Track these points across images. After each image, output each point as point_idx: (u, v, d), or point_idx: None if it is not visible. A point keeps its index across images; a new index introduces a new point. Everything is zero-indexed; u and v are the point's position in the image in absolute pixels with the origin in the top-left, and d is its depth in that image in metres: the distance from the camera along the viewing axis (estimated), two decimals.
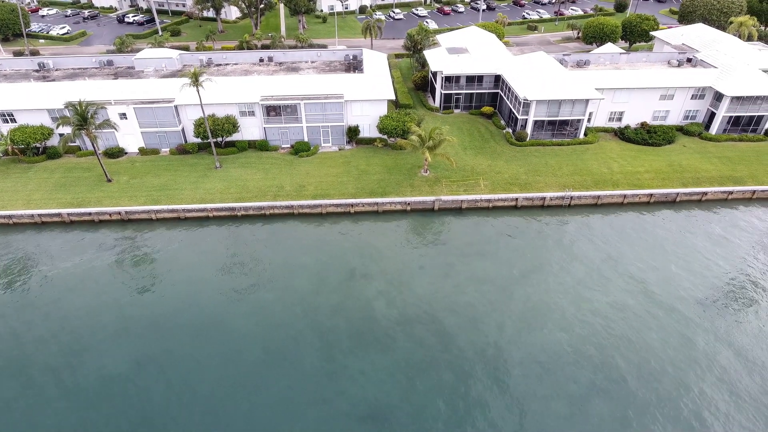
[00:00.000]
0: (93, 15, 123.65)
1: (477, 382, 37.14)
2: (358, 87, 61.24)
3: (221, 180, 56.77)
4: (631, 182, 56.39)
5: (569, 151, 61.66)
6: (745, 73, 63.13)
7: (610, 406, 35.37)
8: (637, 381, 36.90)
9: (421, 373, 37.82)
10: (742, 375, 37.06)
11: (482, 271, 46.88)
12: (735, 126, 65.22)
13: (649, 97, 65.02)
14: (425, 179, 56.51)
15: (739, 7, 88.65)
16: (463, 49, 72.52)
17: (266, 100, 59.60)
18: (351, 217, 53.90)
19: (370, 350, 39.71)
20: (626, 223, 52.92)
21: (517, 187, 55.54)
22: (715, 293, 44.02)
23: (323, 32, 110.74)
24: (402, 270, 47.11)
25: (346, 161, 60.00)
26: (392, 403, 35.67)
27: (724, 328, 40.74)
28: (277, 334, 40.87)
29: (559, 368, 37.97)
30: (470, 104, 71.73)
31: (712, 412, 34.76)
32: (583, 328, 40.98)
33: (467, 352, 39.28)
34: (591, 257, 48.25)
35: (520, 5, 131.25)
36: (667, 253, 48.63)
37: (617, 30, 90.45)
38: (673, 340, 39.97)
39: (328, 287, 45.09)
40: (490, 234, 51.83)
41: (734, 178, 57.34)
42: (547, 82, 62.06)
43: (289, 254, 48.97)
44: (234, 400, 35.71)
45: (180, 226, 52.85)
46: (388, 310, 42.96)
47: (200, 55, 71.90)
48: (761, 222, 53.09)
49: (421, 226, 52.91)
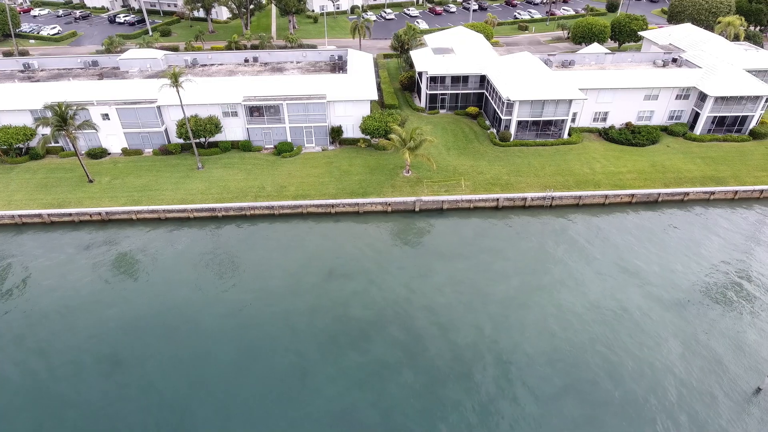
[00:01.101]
0: (84, 15, 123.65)
1: (450, 383, 37.05)
2: (341, 87, 61.19)
3: (203, 181, 56.72)
4: (613, 183, 56.34)
5: (552, 152, 61.61)
6: (729, 73, 63.09)
7: (582, 406, 35.27)
8: (611, 382, 36.80)
9: (395, 373, 37.74)
10: (718, 376, 36.96)
11: (460, 271, 46.80)
12: (720, 126, 65.17)
13: (634, 97, 64.98)
14: (407, 180, 56.46)
15: (727, 7, 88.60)
16: (448, 49, 72.47)
17: (249, 101, 59.54)
18: (331, 218, 53.86)
19: (344, 350, 39.62)
20: (607, 223, 52.87)
21: (498, 187, 55.48)
22: (693, 294, 43.94)
23: (314, 32, 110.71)
24: (380, 271, 47.02)
25: (329, 162, 59.95)
26: (364, 404, 35.55)
27: (702, 329, 40.66)
28: (251, 334, 40.78)
29: (533, 369, 37.87)
30: (456, 104, 71.66)
31: (687, 414, 34.65)
32: (558, 329, 40.89)
33: (441, 353, 39.20)
34: (570, 258, 48.18)
35: (512, 5, 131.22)
36: (648, 253, 48.55)
37: (606, 30, 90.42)
38: (650, 340, 39.88)
39: (305, 288, 45.02)
40: (470, 235, 51.76)
41: (717, 178, 57.28)
42: (531, 82, 62.01)
43: (267, 255, 48.91)
44: (205, 400, 35.63)
45: (160, 227, 52.78)
46: (364, 311, 42.88)
47: (185, 56, 71.84)
48: (743, 222, 53.03)
49: (401, 227, 52.84)
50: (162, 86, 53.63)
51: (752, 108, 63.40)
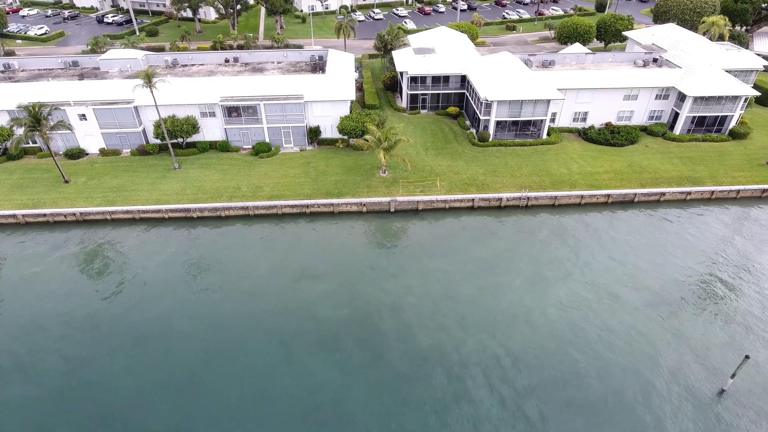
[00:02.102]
0: (73, 15, 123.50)
1: (415, 383, 36.98)
2: (319, 88, 61.10)
3: (179, 181, 56.63)
4: (590, 183, 56.27)
5: (531, 152, 61.55)
6: (708, 73, 63.03)
7: (544, 408, 35.18)
8: (575, 383, 36.72)
9: (362, 373, 37.72)
10: (684, 377, 36.88)
11: (431, 272, 46.74)
12: (700, 126, 65.11)
13: (613, 97, 64.92)
14: (383, 180, 56.39)
15: (712, 7, 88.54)
16: (429, 49, 72.39)
17: (226, 101, 59.47)
18: (306, 218, 53.79)
19: (313, 350, 39.54)
20: (582, 224, 52.78)
21: (474, 187, 55.42)
22: (664, 295, 43.84)
23: (302, 32, 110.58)
24: (352, 271, 46.97)
25: (306, 162, 59.88)
26: (329, 403, 35.48)
27: (671, 330, 40.56)
28: (219, 335, 40.69)
29: (498, 369, 37.79)
30: (437, 105, 71.59)
31: (651, 415, 34.58)
32: (526, 330, 40.85)
33: (407, 354, 39.14)
34: (542, 258, 48.12)
35: (502, 5, 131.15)
36: (621, 254, 48.49)
37: (591, 30, 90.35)
38: (618, 341, 39.80)
39: (276, 288, 44.96)
40: (443, 235, 51.69)
41: (693, 178, 57.23)
42: (510, 82, 61.92)
43: (240, 255, 48.82)
44: (172, 400, 35.59)
45: (135, 228, 52.69)
46: (334, 311, 42.83)
47: (166, 56, 71.73)
48: (717, 223, 52.99)
49: (375, 228, 52.77)
50: (135, 87, 53.51)
51: (731, 108, 63.35)
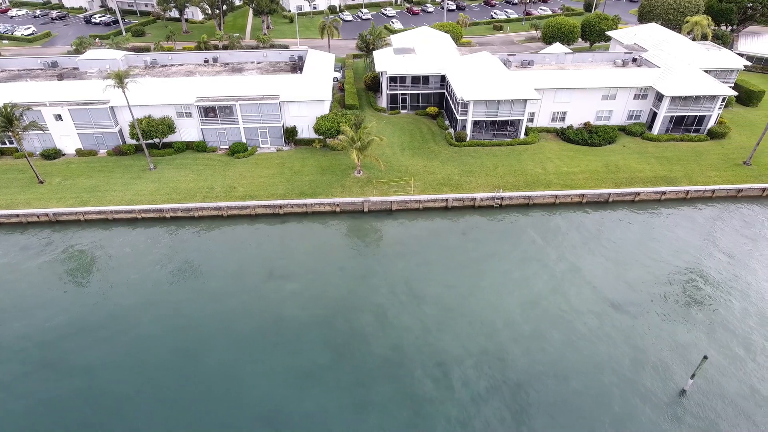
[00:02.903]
0: (61, 16, 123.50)
1: (375, 384, 36.90)
2: (295, 88, 61.04)
3: (153, 181, 56.56)
4: (565, 183, 56.17)
5: (507, 152, 61.45)
6: (685, 73, 62.94)
7: (504, 408, 35.08)
8: (537, 383, 36.60)
9: (324, 374, 37.58)
10: (647, 377, 36.79)
11: (401, 272, 46.65)
12: (678, 126, 65.02)
13: (591, 97, 64.82)
14: (357, 180, 56.30)
15: (695, 6, 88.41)
16: (409, 49, 72.31)
17: (202, 101, 59.40)
18: (280, 219, 53.70)
19: (276, 351, 39.48)
20: (555, 224, 52.68)
21: (448, 188, 55.32)
22: (632, 295, 43.75)
23: (288, 33, 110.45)
24: (321, 271, 46.87)
25: (282, 162, 59.79)
26: (292, 403, 35.41)
27: (636, 330, 40.45)
28: (185, 335, 40.62)
29: (461, 370, 37.70)
30: (417, 105, 71.52)
31: (610, 416, 34.47)
32: (492, 330, 40.74)
33: (372, 354, 39.06)
34: (513, 258, 48.02)
35: (491, 5, 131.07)
36: (591, 254, 48.40)
37: (575, 30, 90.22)
38: (582, 341, 39.72)
39: (244, 288, 44.88)
40: (416, 235, 51.59)
41: (669, 178, 57.12)
42: (487, 82, 61.82)
43: (210, 256, 48.74)
44: (133, 402, 35.46)
45: (108, 228, 52.60)
46: (300, 312, 42.74)
47: (145, 56, 71.69)
48: (692, 222, 52.85)
49: (348, 228, 52.67)
50: (106, 87, 53.47)
51: (709, 108, 63.25)
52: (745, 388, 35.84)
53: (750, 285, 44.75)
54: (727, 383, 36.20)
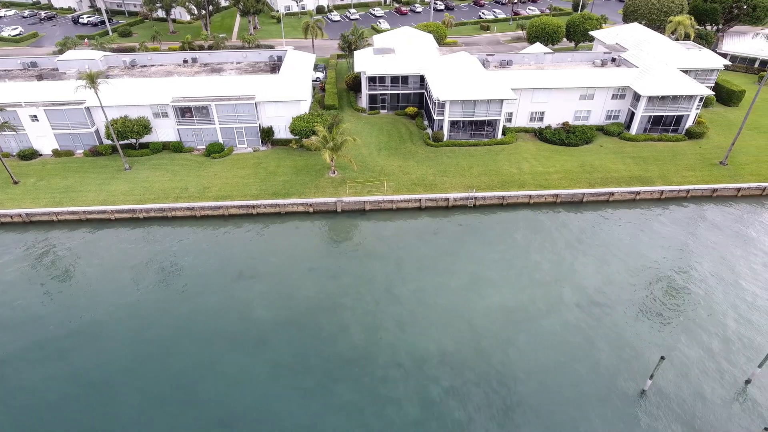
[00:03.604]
0: (50, 16, 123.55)
1: (338, 385, 36.86)
2: (271, 88, 61.02)
3: (127, 182, 56.54)
4: (539, 183, 56.14)
5: (484, 152, 61.43)
6: (662, 72, 62.92)
7: (463, 409, 35.07)
8: (498, 383, 36.55)
9: (287, 374, 37.57)
10: (607, 378, 36.76)
11: (371, 272, 46.63)
12: (657, 126, 64.99)
13: (569, 97, 64.78)
14: (331, 180, 56.28)
15: (679, 6, 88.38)
16: (389, 49, 72.27)
17: (178, 102, 59.38)
18: (253, 219, 53.67)
19: (241, 352, 39.45)
20: (528, 224, 52.65)
21: (422, 188, 55.30)
22: (599, 295, 43.70)
23: (276, 33, 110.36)
24: (290, 271, 46.86)
25: (258, 162, 59.78)
26: (256, 405, 35.36)
27: (601, 331, 40.41)
28: (150, 336, 40.57)
29: (423, 370, 37.67)
30: (397, 105, 71.49)
31: (569, 416, 34.44)
32: (458, 330, 40.70)
33: (336, 354, 39.03)
34: (484, 258, 47.98)
35: (480, 5, 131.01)
36: (564, 253, 48.35)
37: (559, 30, 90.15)
38: (546, 341, 39.63)
39: (212, 288, 44.85)
40: (388, 235, 51.57)
41: (644, 178, 57.09)
42: (464, 82, 61.79)
43: (181, 256, 48.71)
44: (95, 403, 35.42)
45: (81, 229, 52.57)
46: (267, 312, 42.74)
47: (124, 57, 71.67)
48: (665, 222, 52.80)
49: (321, 228, 52.65)
50: (77, 88, 53.45)
51: (687, 107, 63.21)
52: (705, 389, 35.80)
53: (719, 286, 44.71)
54: (687, 384, 36.14)
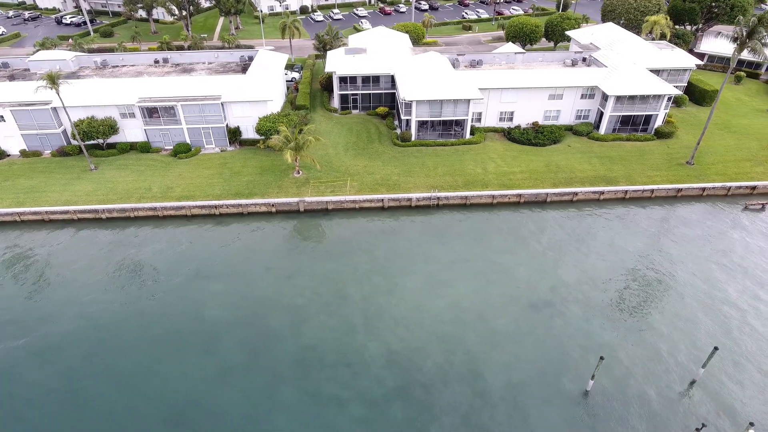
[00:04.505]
0: (34, 17, 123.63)
1: (285, 385, 36.87)
2: (238, 88, 61.03)
3: (92, 182, 56.57)
4: (503, 183, 56.11)
5: (451, 152, 61.40)
6: (629, 72, 62.88)
7: (407, 409, 35.03)
8: (443, 384, 36.51)
9: (236, 374, 37.57)
10: (552, 378, 36.70)
11: (328, 272, 46.60)
12: (626, 125, 64.96)
13: (538, 96, 64.74)
14: (295, 180, 56.29)
15: (656, 6, 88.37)
16: (361, 49, 72.26)
17: (144, 102, 59.40)
18: (216, 219, 53.69)
19: (191, 351, 39.44)
20: (490, 224, 52.65)
21: (385, 188, 55.28)
22: (551, 295, 43.63)
23: (257, 33, 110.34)
24: (247, 271, 46.85)
25: (224, 163, 59.79)
26: (202, 405, 35.34)
27: (548, 332, 40.37)
28: (101, 335, 40.58)
29: (370, 370, 37.65)
30: (369, 105, 71.47)
31: (511, 417, 34.41)
32: (408, 330, 40.66)
33: (285, 355, 39.02)
34: (444, 258, 47.91)
35: (464, 5, 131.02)
36: (523, 254, 48.29)
37: (537, 30, 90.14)
38: (495, 342, 39.55)
39: (167, 288, 44.88)
40: (349, 235, 51.58)
41: (608, 178, 57.06)
42: (431, 82, 61.78)
43: (140, 256, 48.70)
44: (43, 403, 35.42)
45: (44, 229, 52.59)
46: (220, 312, 42.73)
47: (96, 57, 71.68)
48: (627, 223, 52.76)
49: (282, 228, 52.63)
50: (38, 88, 53.49)
51: (656, 107, 63.17)
52: (650, 389, 35.74)
53: (674, 286, 44.70)
54: (633, 384, 36.06)
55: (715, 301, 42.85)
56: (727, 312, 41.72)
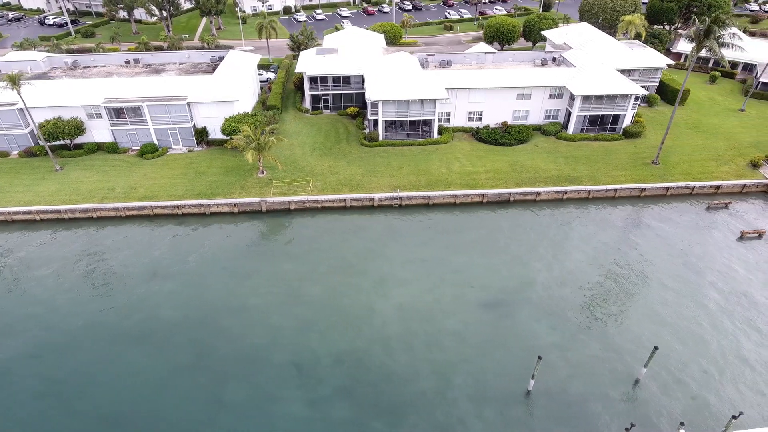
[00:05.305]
0: (18, 17, 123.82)
1: (230, 384, 36.96)
2: (205, 89, 61.12)
3: (57, 182, 56.66)
4: (467, 182, 56.18)
5: (417, 152, 61.48)
6: (596, 72, 62.96)
7: (350, 409, 35.12)
8: (387, 383, 36.60)
9: (183, 374, 37.63)
10: (495, 378, 36.77)
11: (284, 272, 46.68)
12: (595, 125, 65.02)
13: (506, 96, 64.80)
14: (258, 180, 56.38)
15: (632, 5, 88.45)
16: (332, 50, 72.36)
17: (110, 103, 59.51)
18: (178, 219, 53.76)
19: (139, 352, 39.45)
20: (451, 224, 52.70)
21: (348, 188, 55.36)
22: (508, 294, 43.75)
23: (239, 34, 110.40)
24: (205, 271, 46.91)
25: (189, 163, 59.87)
26: (145, 404, 35.44)
27: (497, 331, 40.45)
28: (47, 335, 40.57)
29: (317, 370, 37.75)
30: (340, 105, 71.54)
31: (451, 416, 34.47)
32: (359, 330, 40.71)
33: (233, 354, 39.09)
34: (400, 258, 47.95)
35: (449, 5, 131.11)
36: (481, 253, 48.29)
37: (515, 30, 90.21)
38: (442, 341, 39.53)
39: (122, 288, 44.93)
40: (309, 235, 51.65)
41: (572, 177, 57.12)
42: (399, 82, 61.86)
43: (99, 256, 48.75)
44: None
45: (6, 231, 52.60)
46: (172, 312, 42.79)
47: (66, 58, 71.79)
48: (588, 222, 52.85)
49: (244, 228, 52.69)
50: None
51: (623, 107, 63.23)
52: (593, 389, 35.82)
53: (627, 286, 44.77)
54: (577, 384, 36.12)
55: (667, 301, 42.92)
56: (677, 312, 41.79)
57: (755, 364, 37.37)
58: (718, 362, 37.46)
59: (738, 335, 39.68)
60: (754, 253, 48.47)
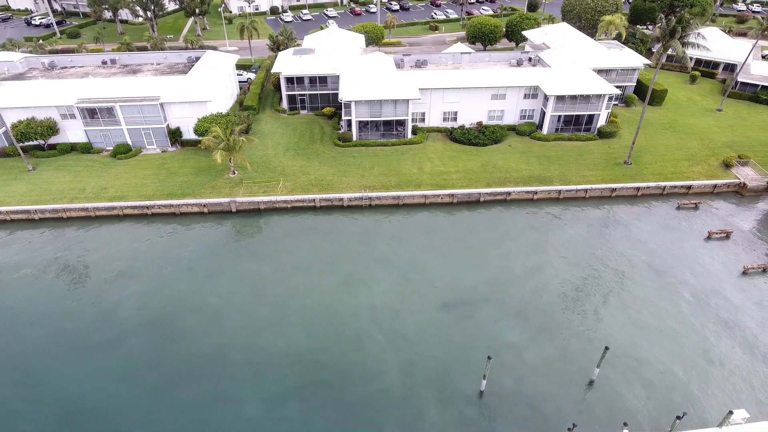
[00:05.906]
0: (5, 18, 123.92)
1: (185, 384, 37.00)
2: (178, 89, 61.18)
3: (28, 183, 56.73)
4: (437, 183, 56.22)
5: (390, 152, 61.51)
6: (569, 72, 62.97)
7: (302, 409, 35.19)
8: (342, 383, 36.70)
9: (137, 374, 37.69)
10: (449, 378, 36.86)
11: (249, 272, 46.75)
12: (569, 125, 65.03)
13: (481, 96, 64.82)
14: (229, 181, 56.45)
15: (613, 5, 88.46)
16: (309, 50, 72.43)
17: (82, 103, 59.59)
18: (148, 219, 53.83)
19: (98, 352, 39.44)
20: (420, 223, 52.77)
21: (318, 188, 55.43)
22: (472, 294, 43.82)
23: (224, 34, 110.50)
24: (169, 271, 46.97)
25: (162, 163, 59.93)
26: (101, 404, 35.51)
27: (462, 330, 40.55)
28: (6, 336, 40.68)
29: (272, 370, 37.84)
30: (317, 105, 71.59)
31: (402, 417, 34.56)
32: (318, 330, 40.81)
33: (192, 354, 39.18)
34: (366, 258, 48.04)
35: (436, 5, 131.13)
36: (448, 253, 48.38)
37: (497, 30, 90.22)
38: (399, 342, 39.62)
39: (87, 288, 45.02)
40: (278, 235, 51.75)
41: (543, 178, 57.14)
42: (372, 82, 61.87)
43: (65, 256, 48.79)
44: None
45: None
46: (134, 312, 42.84)
47: (44, 58, 71.90)
48: (557, 223, 52.86)
49: (213, 228, 52.74)
50: None
51: (597, 107, 63.25)
52: (548, 389, 35.89)
53: (588, 287, 44.84)
54: (532, 384, 36.22)
55: (630, 300, 42.98)
56: (639, 311, 41.86)
57: (711, 364, 37.43)
58: (675, 362, 37.52)
59: (697, 336, 39.73)
60: (720, 253, 48.51)
